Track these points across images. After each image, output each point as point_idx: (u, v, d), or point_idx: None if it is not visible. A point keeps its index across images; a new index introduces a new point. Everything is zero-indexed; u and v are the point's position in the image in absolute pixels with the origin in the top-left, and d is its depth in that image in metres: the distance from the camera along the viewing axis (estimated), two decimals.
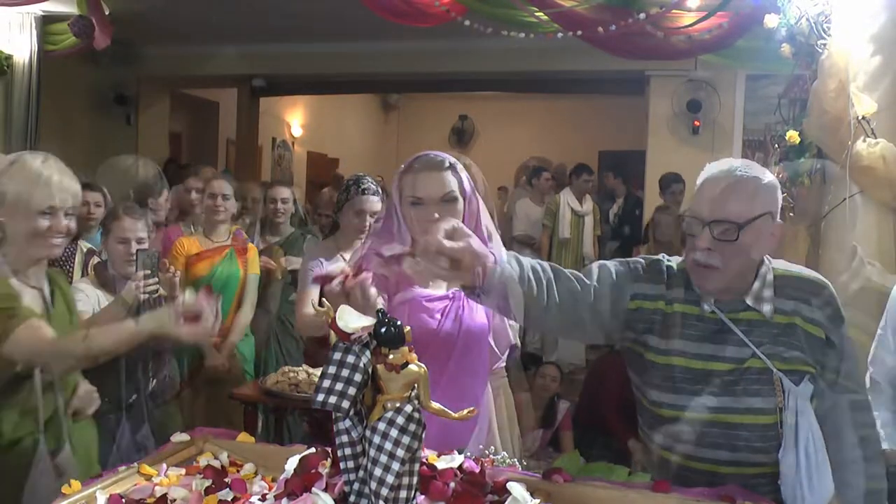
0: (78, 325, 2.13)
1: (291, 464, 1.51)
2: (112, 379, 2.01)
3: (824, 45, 2.95)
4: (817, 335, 1.65)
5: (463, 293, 1.57)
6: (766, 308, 1.65)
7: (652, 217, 5.26)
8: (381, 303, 1.54)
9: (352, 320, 1.35)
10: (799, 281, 1.70)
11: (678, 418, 1.65)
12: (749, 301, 1.66)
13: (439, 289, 2.04)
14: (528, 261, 1.59)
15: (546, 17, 4.35)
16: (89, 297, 2.72)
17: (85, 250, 3.29)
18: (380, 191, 3.23)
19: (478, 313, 2.07)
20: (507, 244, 6.55)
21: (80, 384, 2.07)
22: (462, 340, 2.00)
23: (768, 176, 1.65)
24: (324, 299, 1.43)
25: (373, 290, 1.59)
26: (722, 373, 1.63)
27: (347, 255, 3.29)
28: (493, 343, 2.13)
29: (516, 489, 1.43)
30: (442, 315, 2.00)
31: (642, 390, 1.74)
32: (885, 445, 2.05)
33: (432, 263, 1.41)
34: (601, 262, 1.75)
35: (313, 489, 1.40)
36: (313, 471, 1.46)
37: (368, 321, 1.36)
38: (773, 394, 1.62)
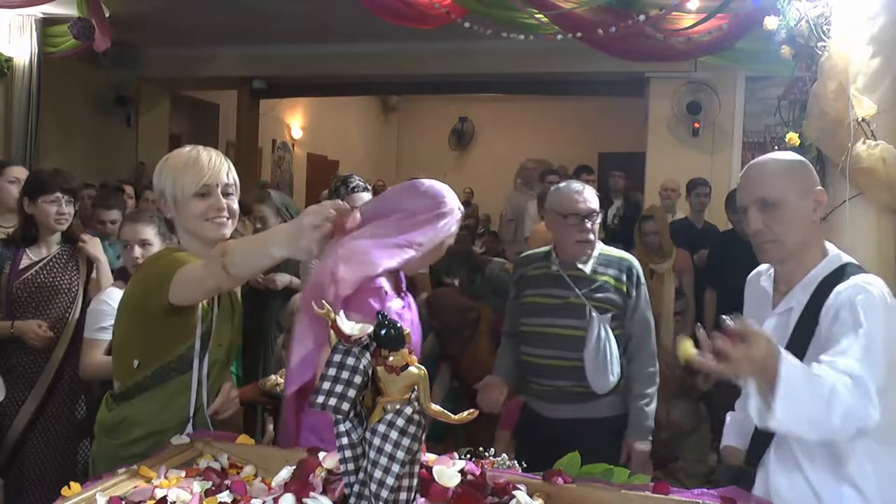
0: (239, 321, 2.14)
1: (286, 473, 1.51)
2: (181, 391, 1.98)
3: (824, 46, 2.94)
4: (621, 288, 2.76)
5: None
6: (588, 269, 2.77)
7: (638, 223, 5.22)
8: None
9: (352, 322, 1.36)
10: (615, 258, 2.82)
11: (536, 332, 2.80)
12: (578, 264, 2.77)
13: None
14: None
15: (546, 19, 4.36)
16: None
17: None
18: (369, 188, 3.26)
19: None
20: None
21: (224, 387, 2.07)
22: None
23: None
24: (323, 301, 1.43)
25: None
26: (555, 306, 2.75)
27: None
28: None
29: (522, 497, 1.44)
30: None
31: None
32: (727, 442, 2.07)
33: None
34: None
35: (311, 494, 1.40)
36: (311, 474, 1.47)
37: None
38: (583, 317, 2.69)
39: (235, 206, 2.02)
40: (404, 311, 2.07)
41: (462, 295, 5.68)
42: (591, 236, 2.77)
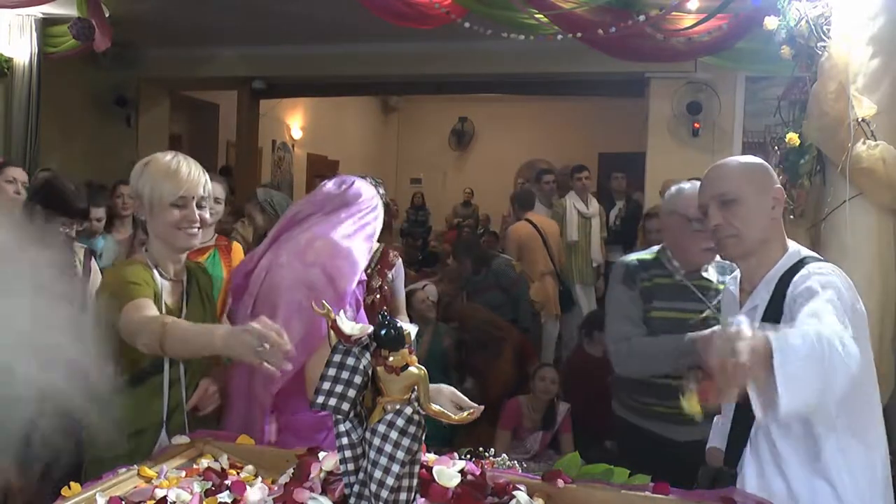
0: (215, 319, 2.19)
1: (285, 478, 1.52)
2: (156, 392, 2.02)
3: (824, 47, 2.95)
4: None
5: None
6: (714, 278, 2.52)
7: (642, 222, 5.23)
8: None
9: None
10: (728, 267, 2.44)
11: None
12: (704, 274, 2.53)
13: None
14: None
15: (546, 19, 4.35)
16: None
17: (82, 252, 3.28)
18: (379, 191, 3.22)
19: None
20: None
21: (202, 383, 2.09)
22: None
23: None
24: (324, 301, 1.43)
25: None
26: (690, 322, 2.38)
27: None
28: None
29: (522, 497, 1.44)
30: None
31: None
32: (715, 443, 2.06)
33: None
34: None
35: (311, 495, 1.40)
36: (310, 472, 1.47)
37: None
38: None
39: (207, 216, 2.11)
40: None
41: (467, 286, 5.74)
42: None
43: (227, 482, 1.61)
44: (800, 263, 1.82)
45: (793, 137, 3.08)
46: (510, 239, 6.28)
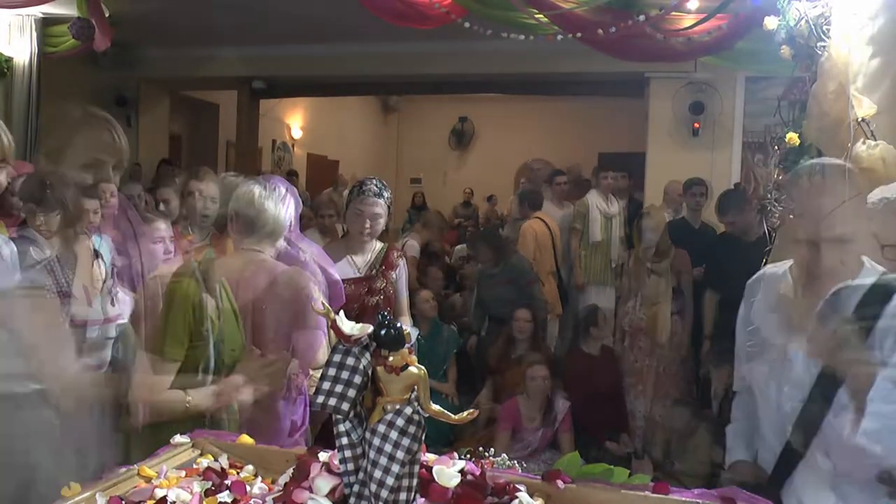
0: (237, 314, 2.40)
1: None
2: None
3: (824, 47, 2.95)
4: None
5: None
6: None
7: (637, 222, 5.22)
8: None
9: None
10: None
11: None
12: None
13: None
14: None
15: (546, 19, 4.36)
16: None
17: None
18: (384, 194, 3.21)
19: None
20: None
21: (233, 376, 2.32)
22: None
23: None
24: (323, 301, 1.43)
25: None
26: None
27: (357, 258, 3.26)
28: None
29: (524, 498, 1.44)
30: None
31: None
32: (738, 457, 1.98)
33: None
34: None
35: (311, 496, 1.40)
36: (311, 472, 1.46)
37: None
38: None
39: None
40: None
41: (480, 279, 5.76)
42: None
43: (227, 482, 1.61)
44: (885, 286, 1.67)
45: (793, 137, 3.08)
46: (527, 236, 6.20)
